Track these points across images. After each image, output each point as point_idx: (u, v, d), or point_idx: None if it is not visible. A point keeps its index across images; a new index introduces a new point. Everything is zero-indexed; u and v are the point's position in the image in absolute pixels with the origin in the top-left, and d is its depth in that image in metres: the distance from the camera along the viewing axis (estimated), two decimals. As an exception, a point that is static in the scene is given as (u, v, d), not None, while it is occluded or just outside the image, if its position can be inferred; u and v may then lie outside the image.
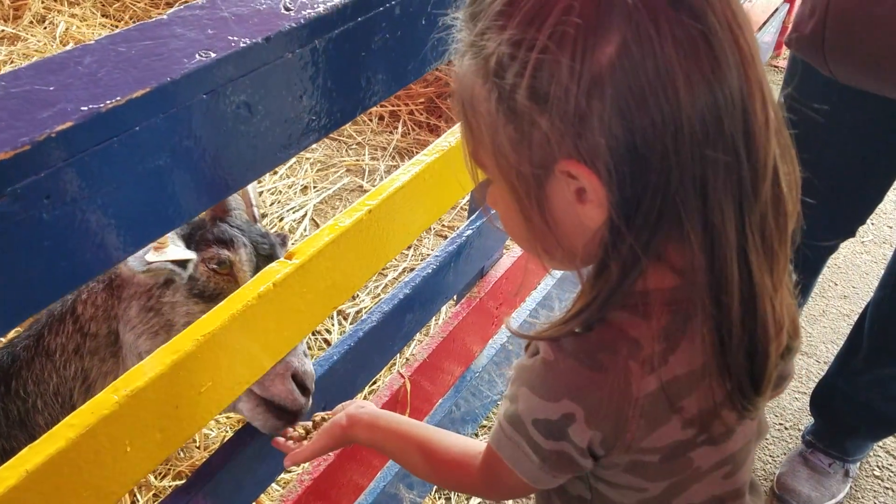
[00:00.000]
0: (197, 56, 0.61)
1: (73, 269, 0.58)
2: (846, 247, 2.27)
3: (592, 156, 0.55)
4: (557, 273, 1.95)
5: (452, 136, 1.10)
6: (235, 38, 0.65)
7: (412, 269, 2.24)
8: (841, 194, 1.43)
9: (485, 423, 1.80)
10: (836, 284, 2.21)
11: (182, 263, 0.90)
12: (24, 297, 0.56)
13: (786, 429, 1.82)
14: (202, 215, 1.01)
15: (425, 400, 1.45)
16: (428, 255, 2.29)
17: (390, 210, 0.99)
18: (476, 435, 1.78)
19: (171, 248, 0.87)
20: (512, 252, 1.60)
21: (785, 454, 1.75)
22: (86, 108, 0.54)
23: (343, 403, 0.92)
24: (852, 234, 1.53)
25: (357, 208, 0.94)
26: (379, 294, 2.13)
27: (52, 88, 0.54)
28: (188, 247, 0.95)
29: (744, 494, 0.74)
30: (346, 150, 2.72)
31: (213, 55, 0.62)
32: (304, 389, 0.94)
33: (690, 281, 0.60)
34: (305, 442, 0.89)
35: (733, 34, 0.55)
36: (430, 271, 1.20)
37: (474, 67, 0.59)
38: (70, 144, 0.53)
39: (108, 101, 0.55)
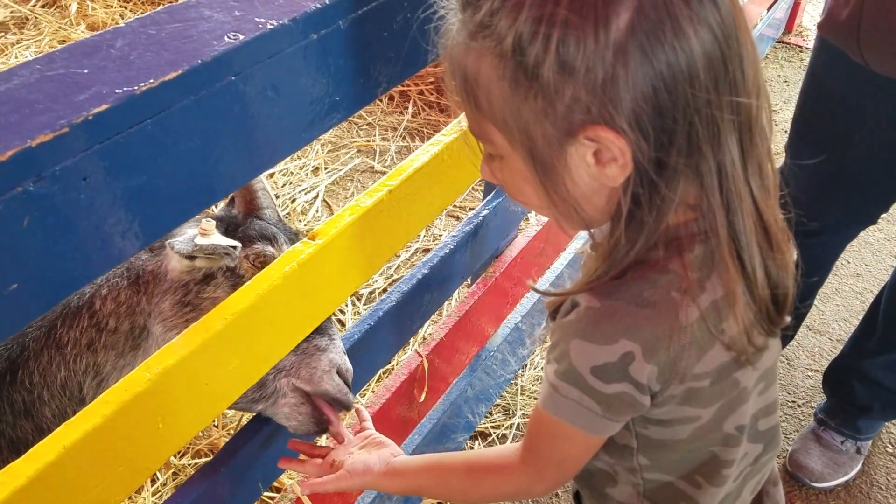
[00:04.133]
0: (226, 38, 0.62)
1: (109, 249, 0.59)
2: (859, 225, 2.27)
3: (620, 118, 0.58)
4: (569, 256, 1.96)
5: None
6: (262, 21, 0.65)
7: (425, 250, 2.25)
8: (866, 182, 1.42)
9: (498, 401, 1.82)
10: (848, 263, 2.21)
11: (228, 252, 0.90)
12: (61, 277, 0.57)
13: (798, 406, 1.84)
14: (233, 211, 1.02)
15: (441, 379, 1.47)
16: (440, 235, 2.30)
17: (410, 191, 0.99)
18: (490, 413, 1.80)
19: (217, 236, 0.88)
20: (527, 232, 1.61)
21: (797, 431, 1.77)
22: (120, 91, 0.54)
23: (345, 441, 0.95)
24: (874, 221, 1.53)
25: (377, 189, 0.95)
26: (392, 275, 2.15)
27: (86, 71, 0.55)
28: None
29: (776, 408, 0.79)
30: (357, 131, 2.72)
31: (241, 37, 0.63)
32: (347, 385, 0.96)
33: (706, 211, 0.63)
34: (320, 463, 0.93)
35: None
36: (447, 251, 1.21)
37: (482, 48, 0.60)
38: (106, 127, 0.54)
39: (141, 84, 0.55)
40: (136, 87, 0.55)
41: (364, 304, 2.03)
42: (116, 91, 0.54)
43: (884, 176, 1.41)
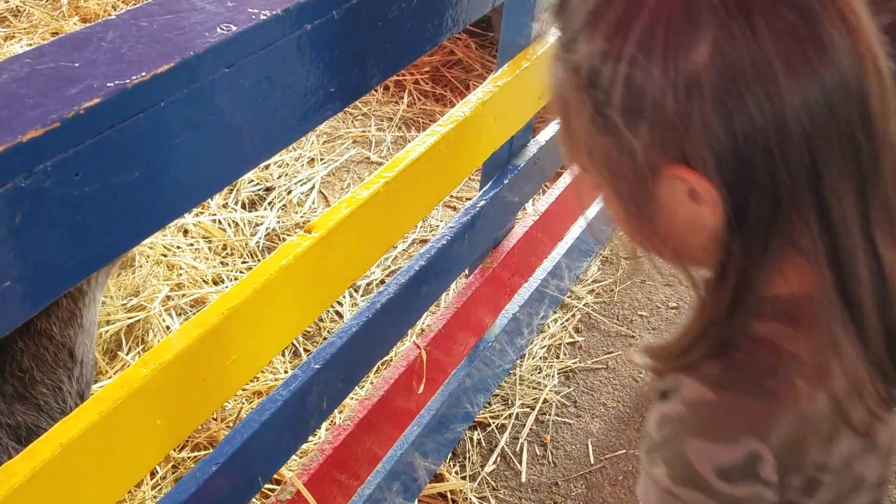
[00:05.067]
0: (218, 30, 0.61)
1: (103, 245, 0.58)
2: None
3: (698, 158, 0.53)
4: (567, 244, 1.95)
5: (467, 105, 1.10)
6: (255, 11, 0.64)
7: (422, 241, 2.24)
8: None
9: (497, 391, 1.82)
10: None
11: None
12: (54, 273, 0.57)
13: None
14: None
15: (440, 370, 1.47)
16: (437, 226, 2.29)
17: (406, 182, 0.99)
18: (489, 403, 1.80)
19: None
20: (524, 222, 1.60)
21: None
22: (111, 85, 0.54)
23: None
24: None
25: (374, 181, 0.94)
26: (389, 266, 2.14)
27: (77, 65, 0.54)
28: None
29: (886, 483, 0.71)
30: (352, 122, 2.70)
31: (234, 28, 0.62)
32: None
33: (820, 279, 0.56)
34: None
35: (838, 9, 0.51)
36: (444, 242, 1.21)
37: (566, 76, 0.57)
38: (98, 121, 0.53)
39: (133, 77, 0.55)
40: (127, 81, 0.54)
41: (362, 296, 2.03)
42: (108, 85, 0.53)
43: None
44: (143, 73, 0.55)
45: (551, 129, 1.47)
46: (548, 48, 0.61)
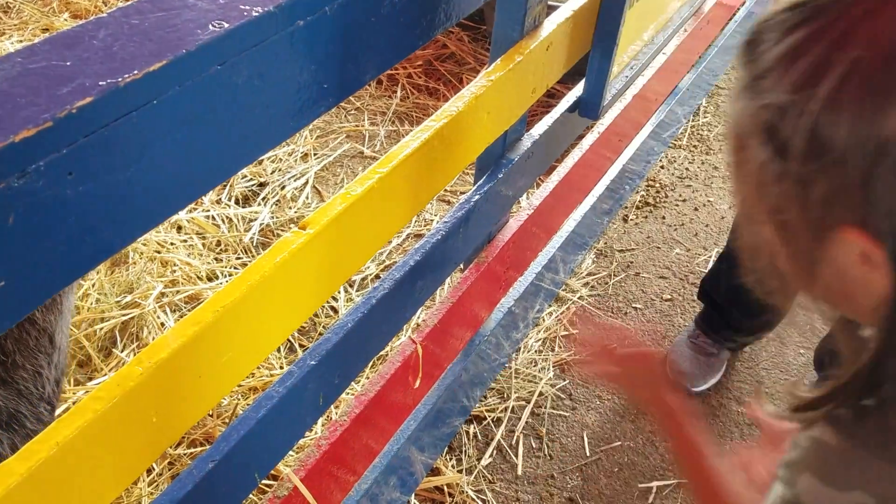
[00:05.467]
0: (210, 27, 0.61)
1: (98, 245, 0.58)
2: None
3: (874, 225, 0.51)
4: (562, 237, 1.96)
5: (460, 100, 1.10)
6: (247, 8, 0.64)
7: (417, 236, 2.24)
8: None
9: (493, 385, 1.83)
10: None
11: None
12: (49, 273, 0.56)
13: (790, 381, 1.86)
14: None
15: (436, 365, 1.47)
16: (431, 220, 2.29)
17: (400, 177, 0.99)
18: (485, 397, 1.80)
19: None
20: (519, 216, 1.60)
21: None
22: (104, 84, 0.53)
23: None
24: None
25: (367, 176, 0.94)
26: (384, 261, 2.14)
27: (69, 64, 0.54)
28: None
29: None
30: (346, 116, 2.70)
31: (226, 25, 0.62)
32: None
33: None
34: None
35: None
36: (439, 237, 1.21)
37: (748, 111, 0.55)
38: (90, 120, 0.53)
39: (125, 76, 0.54)
40: (119, 80, 0.54)
41: (357, 291, 2.03)
42: (100, 84, 0.53)
43: None
44: (136, 72, 0.55)
45: (545, 123, 1.47)
46: (734, 81, 0.60)
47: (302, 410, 1.01)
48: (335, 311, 1.97)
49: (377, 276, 2.09)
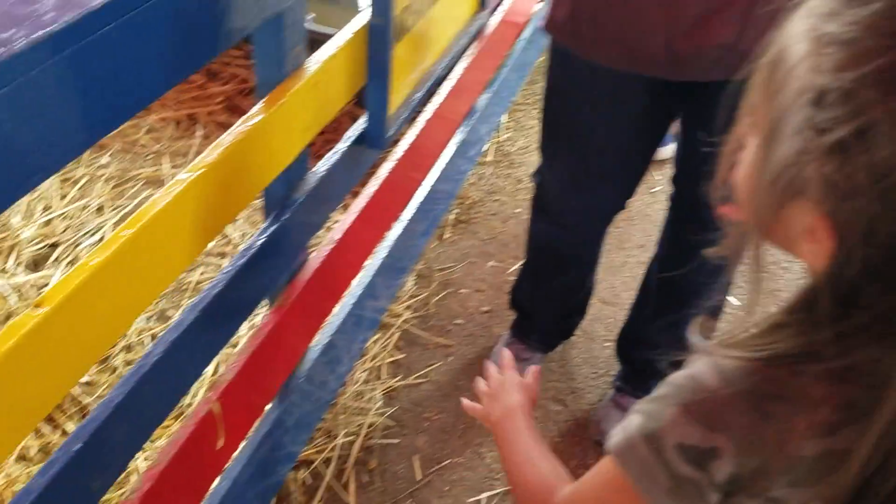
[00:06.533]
0: None
1: None
2: (638, 200, 2.46)
3: (842, 221, 0.53)
4: (376, 264, 1.95)
5: (218, 148, 1.06)
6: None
7: (220, 254, 2.15)
8: (611, 173, 1.54)
9: (320, 425, 1.79)
10: (633, 236, 2.39)
11: None
12: None
13: (599, 377, 1.96)
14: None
15: (246, 418, 1.41)
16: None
17: (156, 236, 0.93)
18: (312, 439, 1.76)
19: None
20: (320, 252, 1.58)
21: (600, 400, 1.89)
22: None
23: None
24: (623, 207, 1.65)
25: (112, 241, 0.88)
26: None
27: None
28: None
29: None
30: (143, 161, 2.55)
31: None
32: None
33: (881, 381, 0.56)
34: None
35: None
36: (220, 289, 1.15)
37: (808, 46, 0.54)
38: None
39: None
40: None
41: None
42: None
43: (623, 164, 1.53)
44: None
45: (329, 159, 1.46)
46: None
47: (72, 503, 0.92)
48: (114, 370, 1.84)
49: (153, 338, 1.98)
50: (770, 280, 0.64)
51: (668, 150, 2.27)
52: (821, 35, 0.54)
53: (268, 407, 1.54)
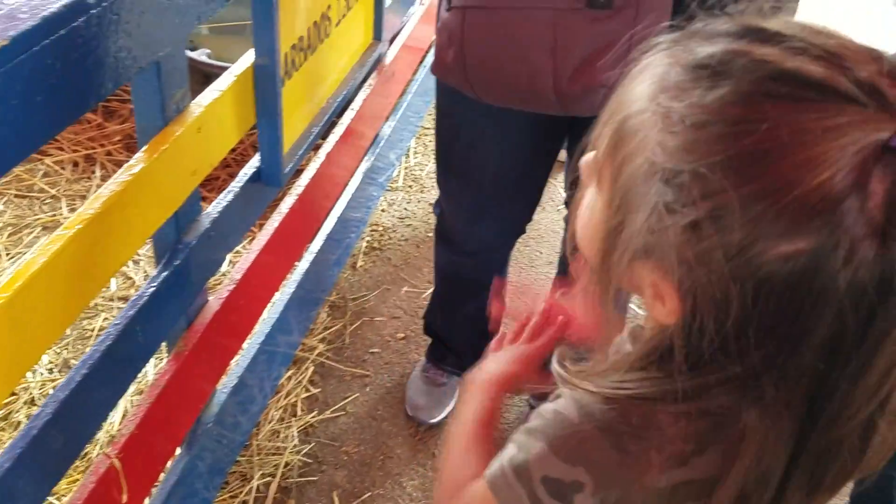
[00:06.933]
0: None
1: None
2: (546, 217, 2.53)
3: (693, 292, 0.54)
4: (285, 299, 1.93)
5: (98, 200, 1.04)
6: None
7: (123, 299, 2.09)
8: (507, 202, 1.58)
9: (234, 468, 1.75)
10: (541, 253, 2.45)
11: None
12: None
13: (517, 397, 2.00)
14: None
15: (151, 471, 1.37)
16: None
17: (27, 303, 0.91)
18: (226, 484, 1.72)
19: None
20: (220, 294, 1.55)
21: (517, 419, 1.92)
22: None
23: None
24: (523, 231, 1.71)
25: (-19, 307, 0.85)
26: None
27: None
28: None
29: None
30: (40, 206, 2.46)
31: None
32: None
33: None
34: None
35: None
36: (109, 342, 1.13)
37: (654, 118, 0.54)
38: None
39: None
40: None
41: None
42: None
43: (519, 192, 1.58)
44: None
45: (223, 199, 1.44)
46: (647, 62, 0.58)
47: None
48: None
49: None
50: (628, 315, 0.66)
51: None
52: (668, 111, 0.53)
53: (175, 455, 1.50)
